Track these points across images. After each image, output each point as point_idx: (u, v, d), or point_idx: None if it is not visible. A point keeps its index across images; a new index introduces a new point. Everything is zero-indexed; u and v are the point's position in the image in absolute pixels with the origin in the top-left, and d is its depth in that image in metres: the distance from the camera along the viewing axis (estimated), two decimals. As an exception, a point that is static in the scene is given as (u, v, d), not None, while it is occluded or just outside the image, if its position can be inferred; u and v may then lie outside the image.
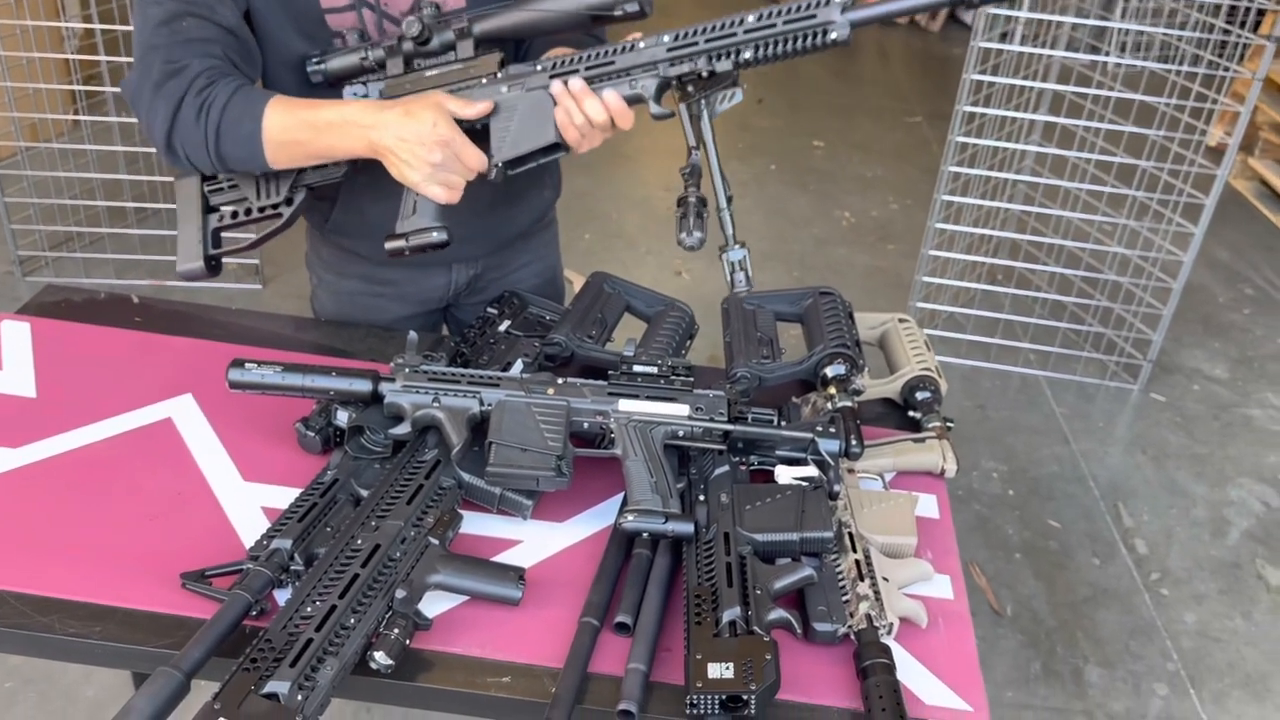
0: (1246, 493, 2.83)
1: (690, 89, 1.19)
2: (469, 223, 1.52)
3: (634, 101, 1.22)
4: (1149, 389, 3.22)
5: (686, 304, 1.57)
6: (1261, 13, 4.09)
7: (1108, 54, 3.51)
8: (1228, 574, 2.55)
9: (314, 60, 1.33)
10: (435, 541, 1.12)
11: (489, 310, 1.55)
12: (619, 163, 4.38)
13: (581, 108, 1.22)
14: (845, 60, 6.05)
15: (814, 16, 1.11)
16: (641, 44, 1.19)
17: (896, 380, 1.49)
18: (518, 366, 1.37)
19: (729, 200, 1.18)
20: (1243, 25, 3.06)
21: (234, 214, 1.36)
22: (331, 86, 1.34)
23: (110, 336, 1.50)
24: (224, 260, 1.39)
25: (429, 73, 1.28)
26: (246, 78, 1.32)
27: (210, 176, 1.36)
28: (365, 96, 1.32)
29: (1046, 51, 3.08)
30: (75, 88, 3.18)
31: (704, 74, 1.18)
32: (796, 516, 1.16)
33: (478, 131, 1.26)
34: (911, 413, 1.46)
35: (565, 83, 1.22)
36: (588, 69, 1.22)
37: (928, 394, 1.46)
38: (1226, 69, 2.89)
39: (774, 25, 1.13)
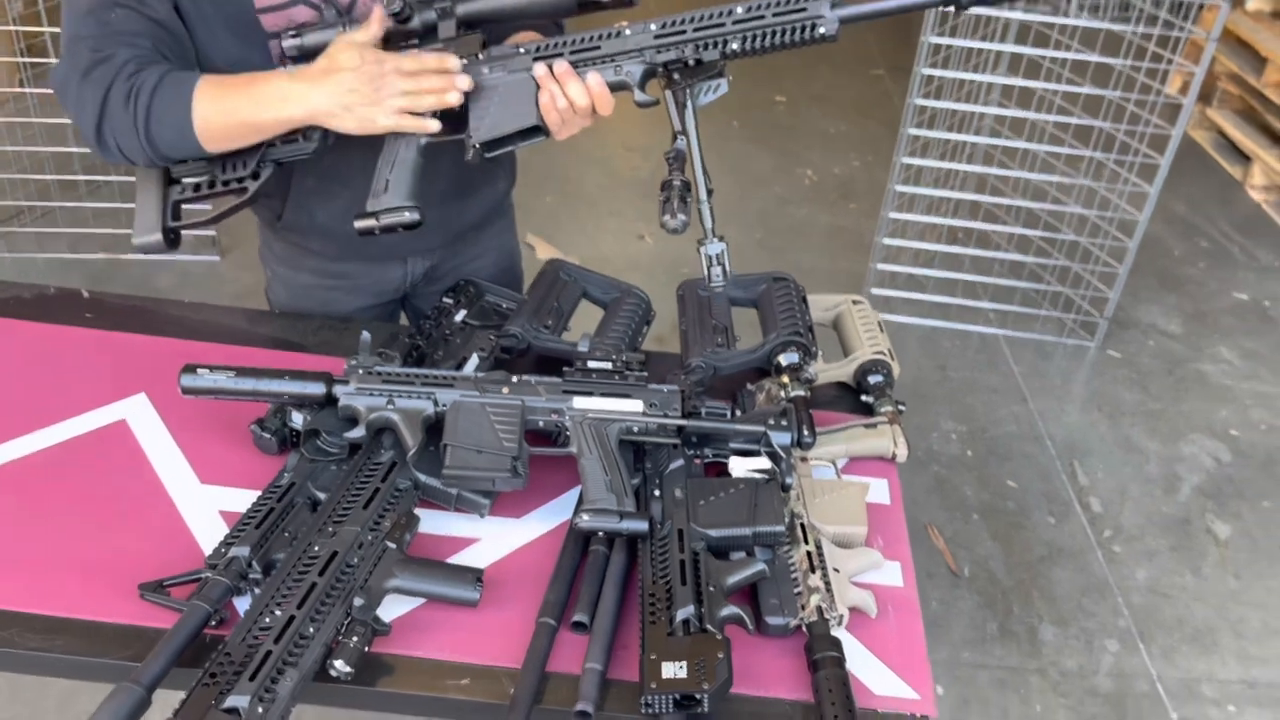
0: (1198, 448, 2.89)
1: (676, 77, 1.19)
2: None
3: (618, 88, 1.22)
4: (1105, 346, 3.27)
5: (642, 290, 1.58)
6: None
7: (1070, 13, 3.51)
8: (1178, 530, 2.62)
9: (290, 35, 1.27)
10: (393, 545, 1.13)
11: (445, 300, 1.55)
12: (580, 122, 4.34)
13: (565, 90, 1.21)
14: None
15: (804, 10, 1.12)
16: (628, 30, 1.19)
17: (849, 364, 1.51)
18: (473, 363, 1.37)
19: (709, 193, 1.17)
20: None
21: (196, 186, 1.32)
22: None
23: (62, 335, 1.49)
24: (181, 233, 1.36)
25: (408, 52, 1.24)
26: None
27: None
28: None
29: (1005, 13, 3.08)
30: (19, 60, 3.10)
31: (690, 62, 1.17)
32: (749, 511, 1.18)
33: (456, 113, 1.24)
34: (864, 397, 1.48)
35: (550, 65, 1.21)
36: (572, 53, 1.21)
37: (880, 377, 1.49)
38: (1182, 28, 2.90)
39: (763, 17, 1.13)
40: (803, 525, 1.22)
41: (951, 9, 1.16)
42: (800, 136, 4.51)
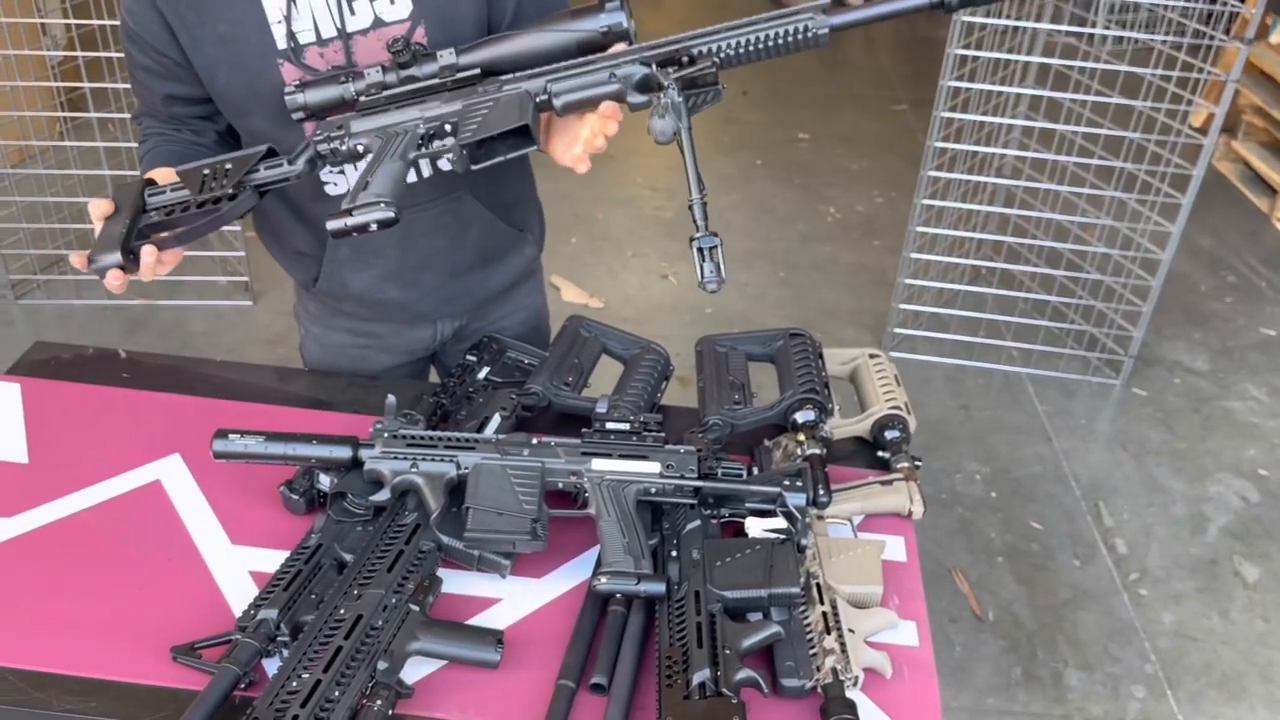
0: (1225, 488, 2.87)
1: (669, 86, 1.20)
2: (448, 285, 1.57)
3: (614, 99, 1.24)
4: (1130, 384, 3.26)
5: (661, 345, 1.61)
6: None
7: (1095, 24, 3.52)
8: (1206, 572, 2.60)
9: (292, 89, 1.29)
10: (416, 608, 1.16)
11: (468, 358, 1.59)
12: (604, 162, 4.37)
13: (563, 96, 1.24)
14: (831, 46, 6.02)
15: (797, 20, 1.19)
16: (624, 54, 1.24)
17: (866, 419, 1.53)
18: (495, 422, 1.41)
19: (702, 190, 1.20)
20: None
21: (168, 211, 1.31)
22: (315, 119, 1.31)
23: (99, 396, 1.54)
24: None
25: (406, 86, 1.27)
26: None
27: (152, 181, 1.34)
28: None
29: (1030, 24, 3.09)
30: (59, 115, 3.20)
31: (684, 60, 1.21)
32: (765, 572, 1.21)
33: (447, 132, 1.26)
34: (881, 452, 1.50)
35: (548, 99, 1.25)
36: (568, 67, 1.25)
37: (896, 433, 1.50)
38: (1201, 69, 2.91)
39: (754, 23, 1.20)
40: (818, 585, 1.24)
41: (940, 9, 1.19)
42: (823, 173, 4.54)
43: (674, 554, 1.25)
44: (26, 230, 3.31)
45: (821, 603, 1.21)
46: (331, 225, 1.24)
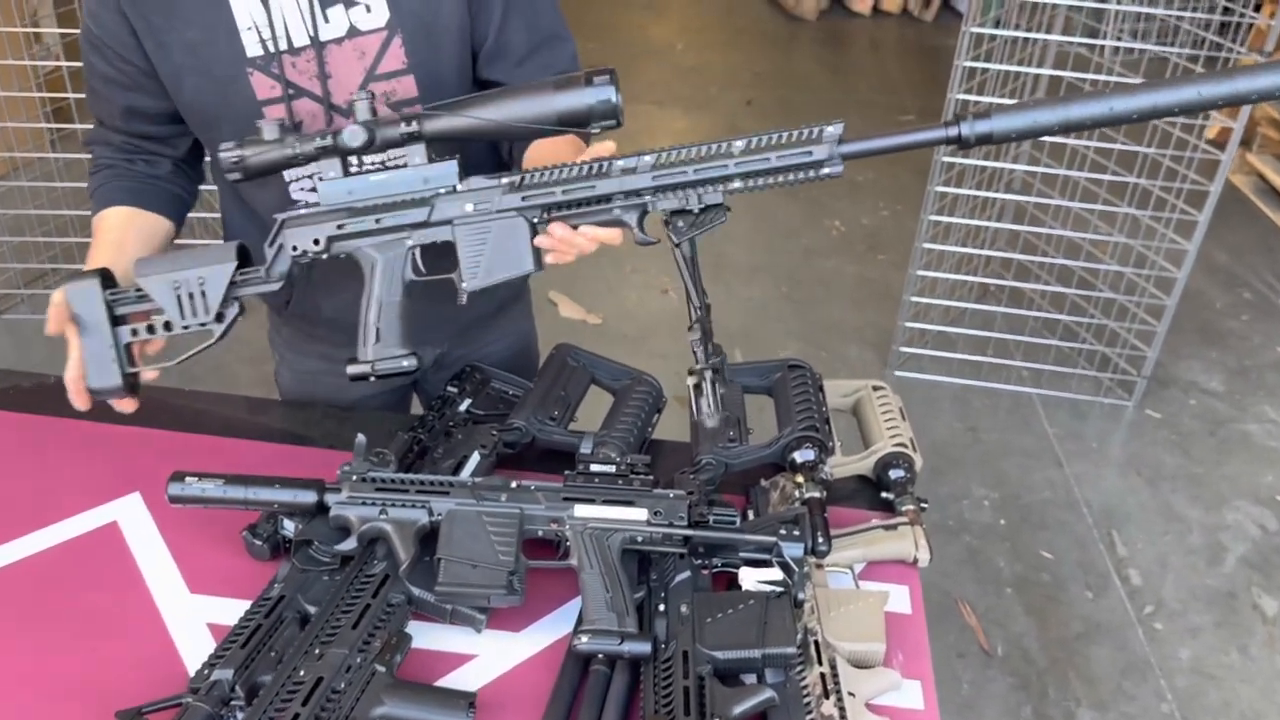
0: (1243, 516, 2.78)
1: (679, 224, 1.14)
2: (430, 310, 1.48)
3: (615, 225, 1.16)
4: (1144, 405, 3.17)
5: (653, 377, 1.52)
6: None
7: (1108, 35, 3.44)
8: (1223, 604, 2.51)
9: (227, 150, 1.15)
10: (382, 668, 1.08)
11: (449, 389, 1.51)
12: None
13: (569, 244, 1.17)
14: (836, 53, 5.98)
15: (809, 154, 1.08)
16: (620, 164, 1.11)
17: (869, 457, 1.44)
18: (473, 461, 1.33)
19: (706, 309, 1.12)
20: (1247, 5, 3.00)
21: (149, 328, 1.24)
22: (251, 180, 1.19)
23: (58, 429, 1.46)
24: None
25: (373, 177, 1.17)
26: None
27: (111, 282, 1.25)
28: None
29: (1041, 36, 3.02)
30: (44, 125, 3.13)
31: (695, 210, 1.12)
32: (759, 631, 1.12)
33: (439, 247, 1.18)
34: (884, 493, 1.41)
35: (546, 219, 1.15)
36: (564, 191, 1.13)
37: (901, 472, 1.42)
38: (1231, 50, 2.82)
39: (768, 160, 1.08)
40: (816, 643, 1.15)
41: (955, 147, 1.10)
42: (827, 186, 4.42)
43: (661, 608, 1.16)
44: (10, 244, 3.25)
45: (820, 663, 1.13)
46: (352, 371, 1.21)
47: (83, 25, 1.32)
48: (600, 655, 1.12)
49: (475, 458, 1.34)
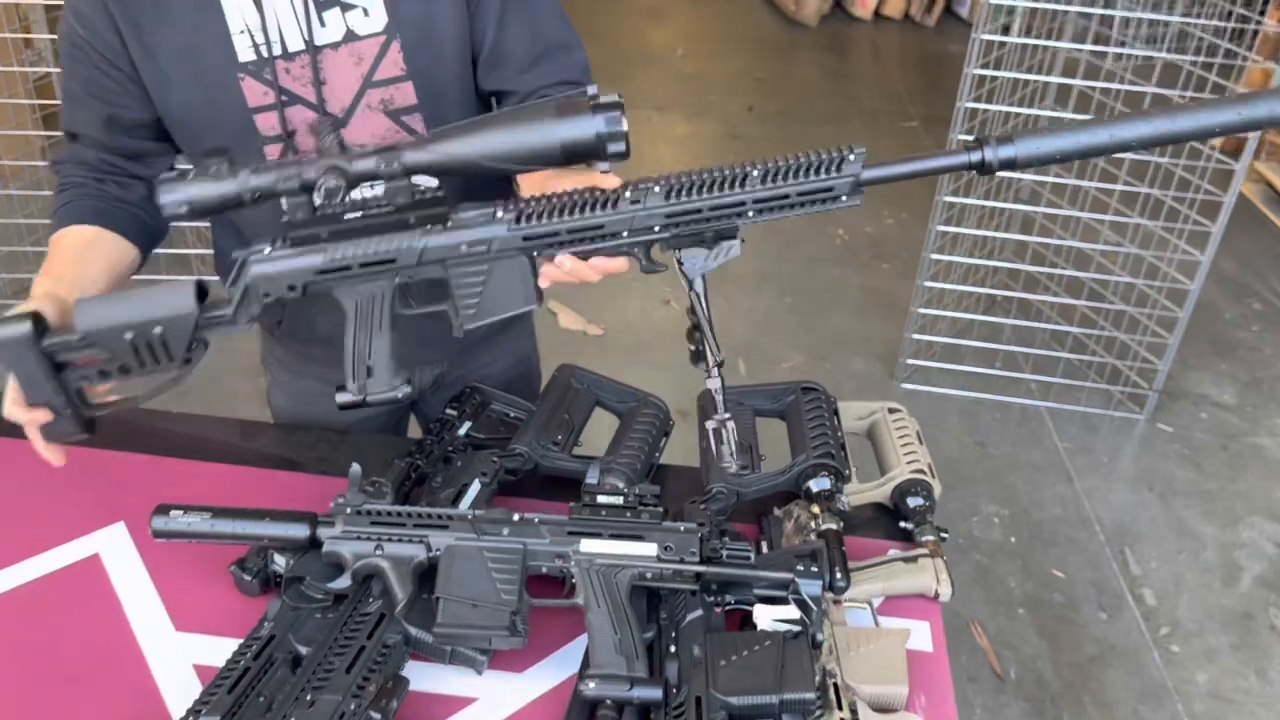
0: (1258, 533, 2.72)
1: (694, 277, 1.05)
2: (427, 328, 1.42)
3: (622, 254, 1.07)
4: (1155, 419, 3.11)
5: (660, 398, 1.46)
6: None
7: (1122, 43, 3.39)
8: (1240, 626, 2.45)
9: (169, 173, 1.02)
10: (378, 716, 1.02)
11: (448, 412, 1.44)
12: (606, 180, 4.26)
13: (577, 276, 1.08)
14: (838, 58, 5.92)
15: (830, 190, 0.99)
16: (629, 194, 1.01)
17: (886, 484, 1.38)
18: (474, 490, 1.26)
19: (720, 364, 1.05)
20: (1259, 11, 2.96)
21: (101, 372, 1.11)
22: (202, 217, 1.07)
23: (40, 454, 1.39)
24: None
25: (348, 215, 1.03)
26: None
27: (42, 327, 1.09)
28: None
29: (1051, 43, 2.96)
30: (33, 133, 3.07)
31: (709, 242, 1.03)
32: (776, 675, 1.06)
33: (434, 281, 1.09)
34: (903, 522, 1.35)
35: (550, 257, 1.06)
36: (570, 232, 1.02)
37: (920, 500, 1.36)
38: (1245, 58, 2.77)
39: (787, 196, 0.99)
40: (836, 686, 1.09)
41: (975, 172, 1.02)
42: (831, 193, 4.39)
43: (673, 649, 1.10)
44: (-1, 253, 3.19)
45: (840, 708, 1.07)
46: (342, 401, 1.13)
47: (64, 26, 1.24)
48: (608, 701, 1.06)
49: (476, 486, 1.28)
